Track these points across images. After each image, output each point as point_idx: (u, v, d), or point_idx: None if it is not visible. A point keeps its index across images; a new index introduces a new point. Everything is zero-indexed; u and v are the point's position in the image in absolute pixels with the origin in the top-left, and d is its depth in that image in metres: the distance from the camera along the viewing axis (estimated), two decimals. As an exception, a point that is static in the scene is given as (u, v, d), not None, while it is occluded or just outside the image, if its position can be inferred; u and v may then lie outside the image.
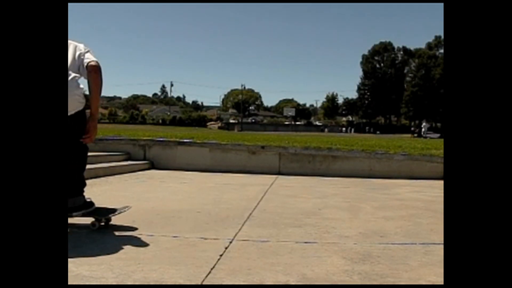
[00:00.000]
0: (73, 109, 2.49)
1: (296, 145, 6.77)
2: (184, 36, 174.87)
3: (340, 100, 78.05)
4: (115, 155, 6.41)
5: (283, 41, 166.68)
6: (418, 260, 2.09)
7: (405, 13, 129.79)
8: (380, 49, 69.15)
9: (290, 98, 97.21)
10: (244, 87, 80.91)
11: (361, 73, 69.92)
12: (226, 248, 2.23)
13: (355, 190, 4.80)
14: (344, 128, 64.03)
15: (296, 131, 47.57)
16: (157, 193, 4.18)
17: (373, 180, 5.86)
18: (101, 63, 2.54)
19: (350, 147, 6.74)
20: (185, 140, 6.89)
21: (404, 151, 6.59)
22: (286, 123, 69.91)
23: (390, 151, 6.52)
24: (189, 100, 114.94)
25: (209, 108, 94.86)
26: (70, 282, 1.59)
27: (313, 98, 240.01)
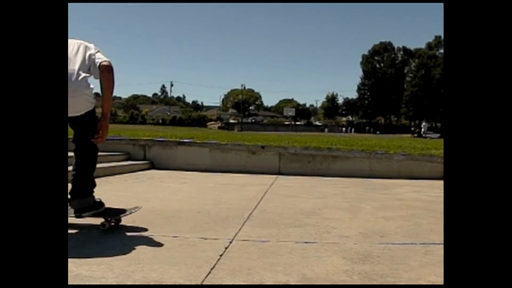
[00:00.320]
0: (83, 109, 2.47)
1: (296, 145, 6.77)
2: (184, 36, 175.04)
3: (340, 100, 78.16)
4: (115, 155, 6.41)
5: (283, 41, 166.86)
6: (418, 260, 2.09)
7: (405, 13, 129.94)
8: (380, 49, 69.17)
9: (290, 98, 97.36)
10: (244, 87, 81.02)
11: (361, 73, 70.03)
12: (226, 248, 2.23)
13: (355, 190, 4.80)
14: (344, 128, 64.05)
15: (296, 131, 47.57)
16: (157, 193, 4.18)
17: (373, 180, 5.86)
18: None
19: (350, 147, 6.74)
20: (185, 140, 6.89)
21: (404, 151, 6.59)
22: (286, 123, 69.90)
23: (390, 151, 6.52)
24: (189, 100, 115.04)
25: (209, 108, 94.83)
26: (70, 282, 1.59)
27: (313, 98, 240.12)
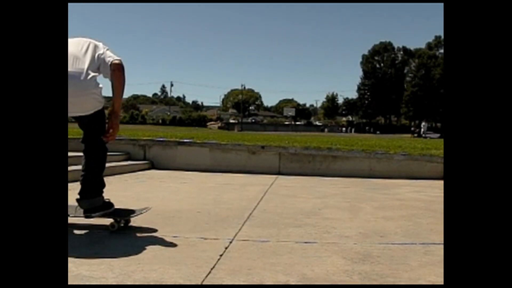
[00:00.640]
0: (92, 108, 2.45)
1: (296, 145, 6.77)
2: (184, 36, 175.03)
3: (340, 100, 78.21)
4: (115, 155, 6.41)
5: (283, 41, 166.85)
6: (418, 260, 2.09)
7: (405, 13, 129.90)
8: (380, 49, 69.18)
9: (290, 98, 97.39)
10: (244, 87, 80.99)
11: (361, 73, 70.06)
12: (226, 248, 2.23)
13: (355, 190, 4.80)
14: (344, 128, 64.07)
15: (296, 131, 47.57)
16: (157, 193, 4.18)
17: (373, 180, 5.86)
18: None
19: (350, 147, 6.74)
20: (185, 140, 6.88)
21: (404, 151, 6.59)
22: (286, 123, 69.91)
23: (390, 151, 6.52)
24: (189, 100, 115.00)
25: (209, 108, 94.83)
26: (70, 282, 1.59)
27: (313, 98, 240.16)
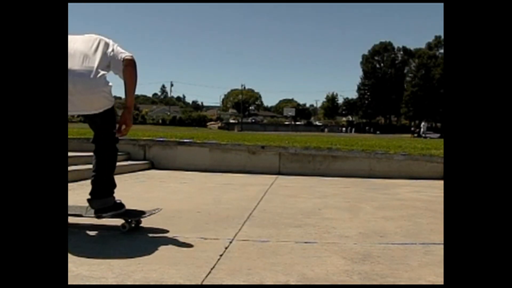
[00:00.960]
0: (102, 107, 2.43)
1: (296, 145, 6.77)
2: (184, 36, 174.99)
3: (340, 100, 78.29)
4: (115, 155, 6.40)
5: (283, 41, 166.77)
6: (418, 260, 2.09)
7: (405, 13, 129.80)
8: (380, 49, 69.20)
9: (290, 98, 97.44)
10: (244, 87, 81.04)
11: (361, 73, 70.11)
12: (226, 248, 2.23)
13: (355, 190, 4.80)
14: (344, 128, 64.10)
15: (296, 131, 47.58)
16: (157, 193, 4.18)
17: (373, 180, 5.86)
18: None
19: (350, 147, 6.74)
20: (185, 140, 6.88)
21: (404, 151, 6.59)
22: (286, 123, 69.92)
23: (390, 151, 6.52)
24: (189, 100, 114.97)
25: (209, 108, 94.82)
26: (70, 282, 1.59)
27: (313, 98, 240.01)
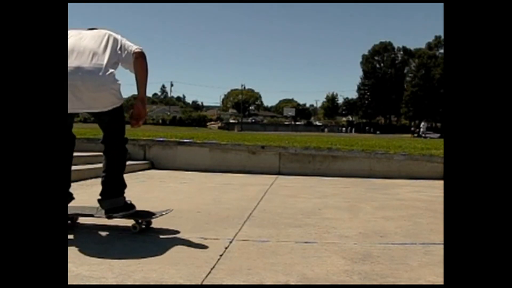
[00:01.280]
0: (110, 105, 2.38)
1: (296, 145, 6.77)
2: (184, 36, 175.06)
3: (340, 100, 78.33)
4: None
5: (283, 41, 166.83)
6: (418, 260, 2.09)
7: (405, 13, 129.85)
8: (380, 49, 69.23)
9: (290, 98, 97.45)
10: (244, 87, 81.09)
11: (361, 73, 70.15)
12: (226, 248, 2.23)
13: (355, 190, 4.80)
14: (344, 128, 64.13)
15: (296, 131, 47.60)
16: (157, 193, 4.18)
17: (373, 180, 5.86)
18: None
19: (350, 147, 6.74)
20: (185, 140, 6.88)
21: (404, 151, 6.59)
22: (286, 123, 69.95)
23: (390, 151, 6.52)
24: (189, 100, 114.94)
25: (209, 108, 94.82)
26: (70, 282, 1.59)
27: (313, 98, 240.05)
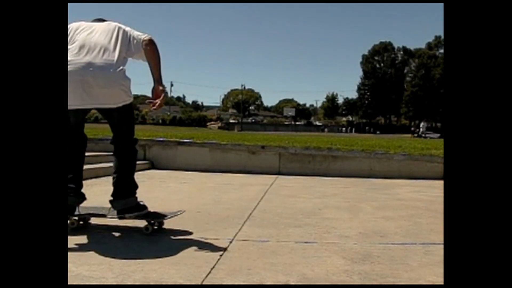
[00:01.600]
0: (120, 101, 2.35)
1: (296, 145, 6.77)
2: (184, 36, 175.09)
3: (340, 100, 78.35)
4: (115, 155, 6.40)
5: (283, 41, 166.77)
6: (418, 260, 2.09)
7: (405, 13, 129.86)
8: (380, 49, 69.25)
9: (290, 98, 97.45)
10: (244, 87, 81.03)
11: (361, 73, 70.18)
12: (226, 248, 2.23)
13: (355, 190, 4.80)
14: (344, 128, 64.13)
15: (296, 131, 47.59)
16: (157, 193, 4.18)
17: (373, 180, 5.86)
18: None
19: (350, 147, 6.74)
20: (185, 140, 6.88)
21: (404, 151, 6.59)
22: (286, 123, 69.98)
23: (390, 151, 6.52)
24: (189, 100, 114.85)
25: (209, 108, 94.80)
26: (70, 282, 1.59)
27: (313, 98, 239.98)
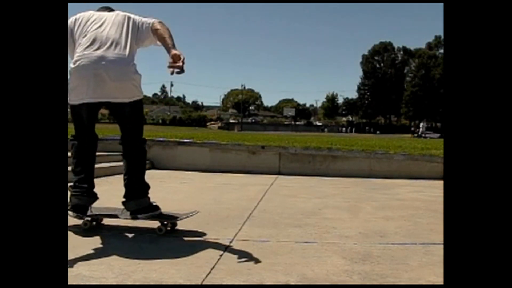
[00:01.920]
0: (131, 96, 2.34)
1: (296, 145, 6.76)
2: (184, 36, 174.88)
3: (340, 100, 78.34)
4: (115, 155, 6.37)
5: (283, 41, 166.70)
6: (418, 260, 2.09)
7: (405, 13, 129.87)
8: (380, 49, 69.24)
9: (290, 98, 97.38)
10: (244, 87, 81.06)
11: (361, 73, 70.16)
12: (226, 248, 2.23)
13: (355, 190, 4.80)
14: (344, 128, 64.11)
15: (296, 131, 47.58)
16: (157, 193, 4.15)
17: (373, 180, 5.85)
18: None
19: (350, 147, 6.74)
20: (185, 140, 6.88)
21: (404, 151, 6.59)
22: (286, 123, 69.96)
23: (390, 151, 6.51)
24: (189, 100, 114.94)
25: (209, 108, 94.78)
26: (70, 282, 1.59)
27: (313, 98, 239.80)
